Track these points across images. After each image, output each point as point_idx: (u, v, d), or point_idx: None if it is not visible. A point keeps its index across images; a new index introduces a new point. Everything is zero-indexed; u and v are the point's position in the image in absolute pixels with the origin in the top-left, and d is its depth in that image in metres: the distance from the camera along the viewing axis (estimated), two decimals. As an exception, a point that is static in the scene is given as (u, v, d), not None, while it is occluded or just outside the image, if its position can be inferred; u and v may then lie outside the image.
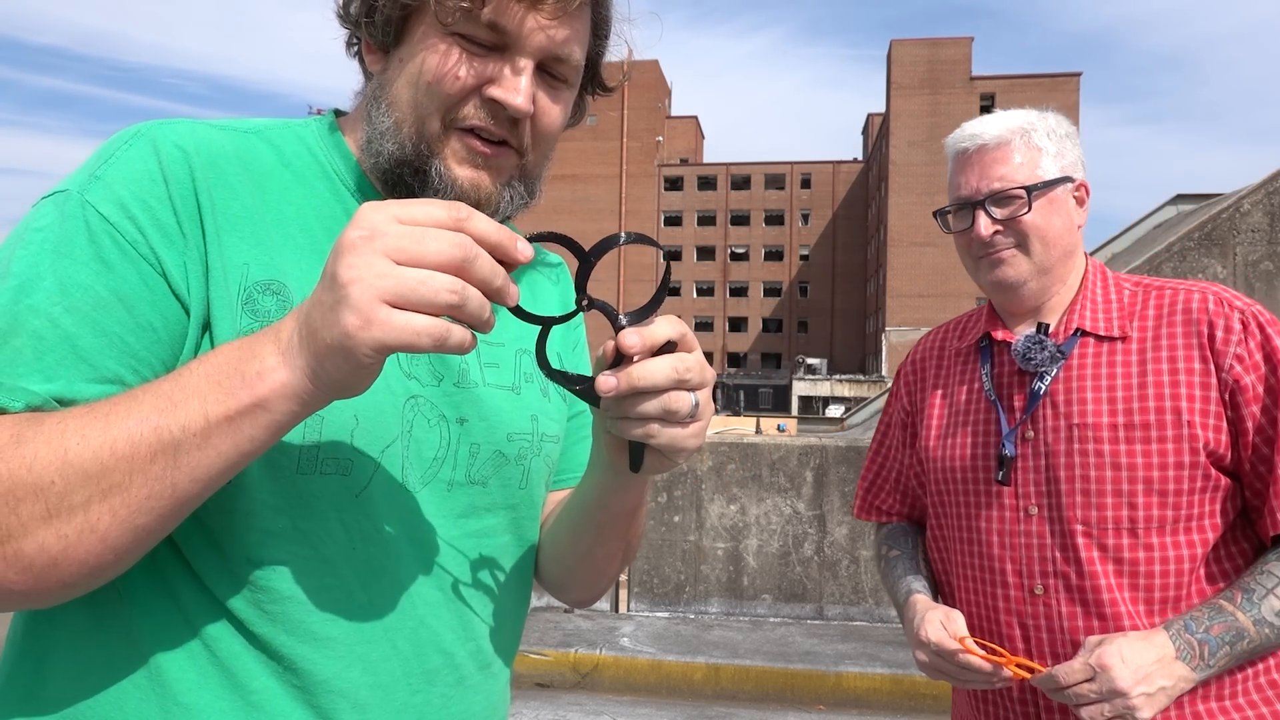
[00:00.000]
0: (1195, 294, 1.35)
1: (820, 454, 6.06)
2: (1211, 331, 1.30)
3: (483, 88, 0.83)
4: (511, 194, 0.88)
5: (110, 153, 0.78)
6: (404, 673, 0.84)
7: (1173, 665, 1.18)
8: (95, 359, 0.72)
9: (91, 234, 0.74)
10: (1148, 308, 1.37)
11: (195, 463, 0.66)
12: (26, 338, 0.70)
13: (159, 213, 0.76)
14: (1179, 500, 1.28)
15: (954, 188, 1.46)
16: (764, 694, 5.06)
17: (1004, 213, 1.39)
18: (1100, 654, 1.19)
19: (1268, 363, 1.27)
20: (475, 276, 0.64)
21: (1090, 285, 1.43)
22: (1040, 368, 1.37)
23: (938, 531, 1.52)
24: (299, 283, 0.81)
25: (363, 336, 0.61)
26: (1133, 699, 1.16)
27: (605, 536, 0.94)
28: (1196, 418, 1.28)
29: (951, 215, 1.47)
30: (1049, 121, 1.44)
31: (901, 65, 68.71)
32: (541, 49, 0.83)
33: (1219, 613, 1.21)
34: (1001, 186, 1.39)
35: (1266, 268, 6.00)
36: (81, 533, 0.65)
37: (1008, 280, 1.41)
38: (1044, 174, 1.40)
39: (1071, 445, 1.34)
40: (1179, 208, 11.57)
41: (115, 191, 0.75)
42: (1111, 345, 1.37)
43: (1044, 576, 1.35)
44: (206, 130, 0.83)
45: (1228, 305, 1.32)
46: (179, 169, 0.78)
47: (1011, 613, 1.37)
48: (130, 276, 0.74)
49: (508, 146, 0.86)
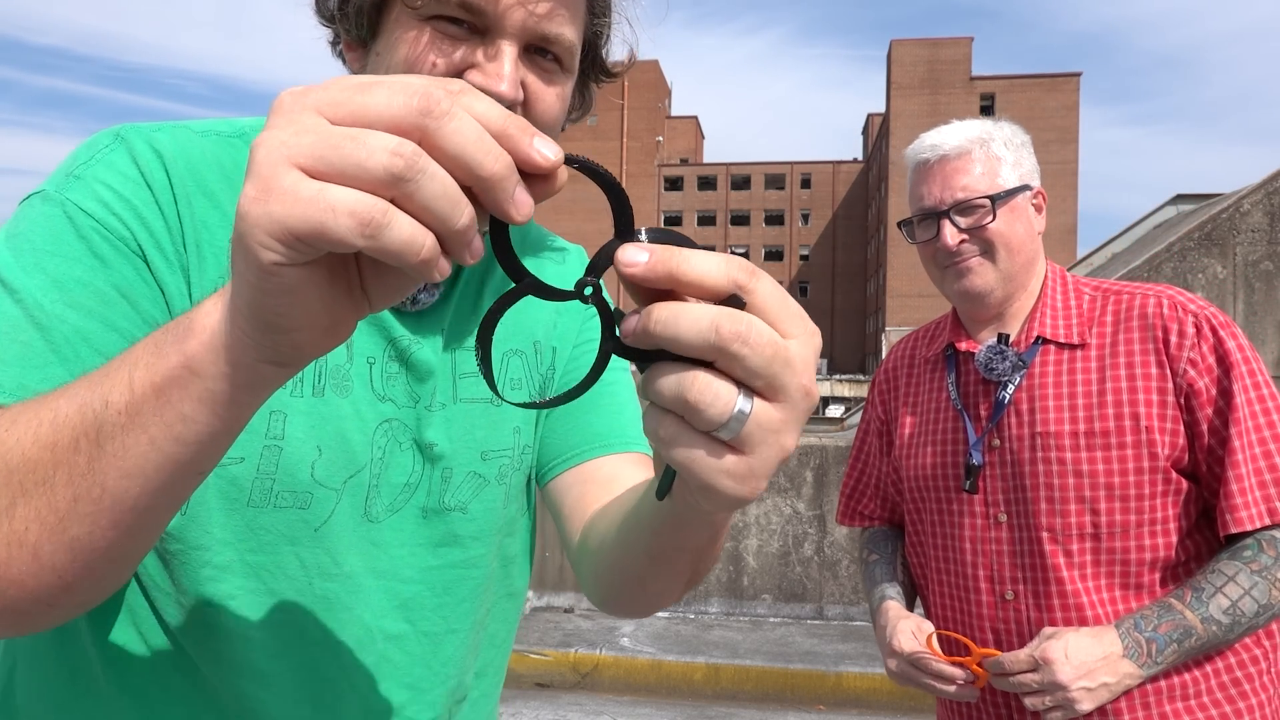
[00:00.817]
0: (1151, 298, 1.37)
1: (820, 454, 6.06)
2: (1166, 336, 1.33)
3: (462, 76, 0.73)
4: None
5: (88, 155, 0.73)
6: (362, 712, 0.80)
7: (1118, 663, 1.22)
8: (110, 352, 0.64)
9: (79, 230, 0.68)
10: (1105, 314, 1.40)
11: (123, 451, 0.50)
12: (35, 332, 0.64)
13: (144, 213, 0.71)
14: (1140, 505, 1.31)
15: (916, 198, 1.48)
16: (764, 694, 5.06)
17: (968, 221, 1.42)
18: (1046, 647, 1.25)
19: (1220, 365, 1.30)
20: (448, 145, 0.40)
21: (1050, 292, 1.45)
22: (1003, 377, 1.41)
23: (914, 537, 1.56)
24: None
25: (255, 213, 0.41)
26: (1072, 692, 1.21)
27: (660, 569, 0.69)
28: (1155, 423, 1.31)
29: (915, 226, 1.49)
30: (1005, 131, 1.47)
31: (901, 65, 68.69)
32: (523, 28, 0.74)
33: (1168, 610, 1.25)
34: (965, 196, 1.41)
35: (1266, 268, 6.00)
36: (9, 546, 0.52)
37: (974, 289, 1.43)
38: (1004, 183, 1.42)
39: (1035, 453, 1.37)
40: (1179, 208, 11.57)
41: (96, 190, 0.70)
42: (1072, 353, 1.39)
43: (1014, 583, 1.39)
44: (187, 135, 0.77)
45: (1182, 309, 1.34)
46: (158, 175, 0.73)
47: (984, 618, 1.41)
48: (127, 271, 0.69)
49: None
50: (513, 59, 0.74)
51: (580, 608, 6.20)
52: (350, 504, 0.79)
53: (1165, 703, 1.30)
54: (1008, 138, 1.46)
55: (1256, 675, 1.32)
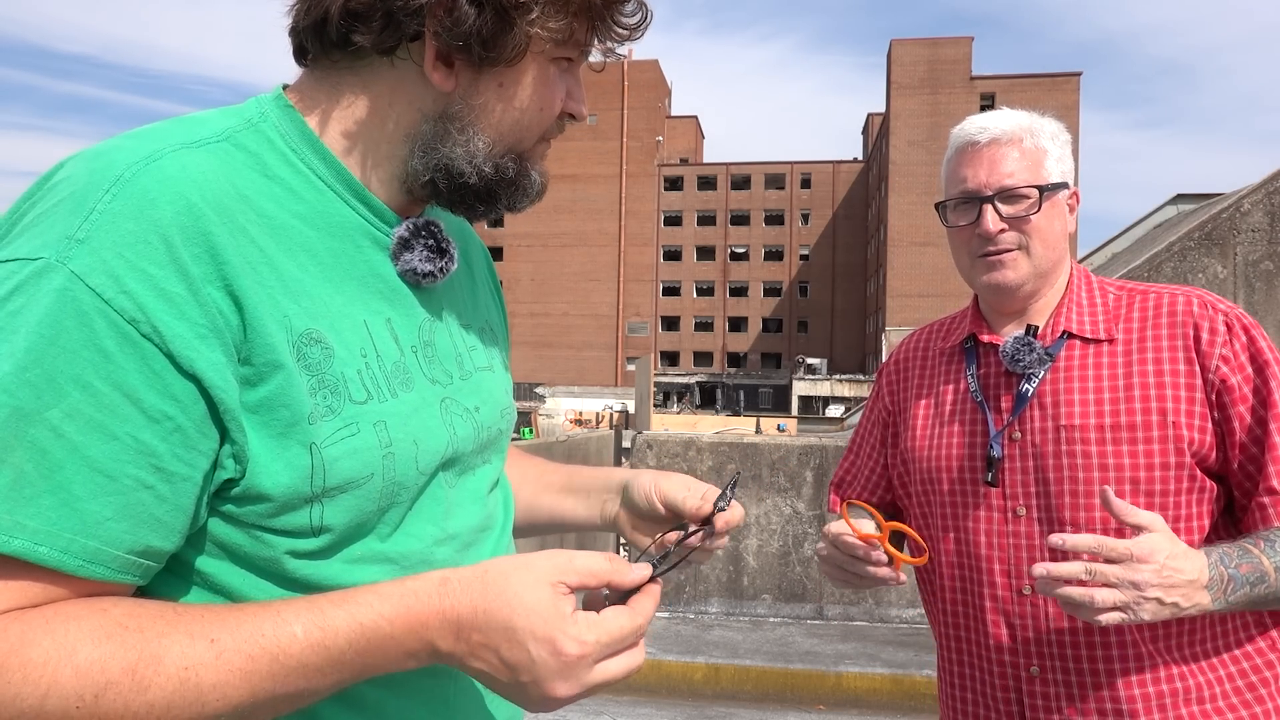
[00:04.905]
0: (1180, 297, 1.36)
1: (820, 454, 6.06)
2: (1197, 333, 1.32)
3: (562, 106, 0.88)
4: None
5: (90, 205, 0.68)
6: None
7: (1198, 591, 1.14)
8: (112, 471, 0.65)
9: (83, 316, 0.64)
10: (1133, 310, 1.39)
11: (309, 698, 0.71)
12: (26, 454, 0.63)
13: (161, 281, 0.67)
14: (1166, 501, 1.29)
15: (957, 180, 1.43)
16: (764, 694, 5.06)
17: (1011, 210, 1.38)
18: (1146, 547, 1.12)
19: (1253, 364, 1.29)
20: None
21: (1076, 289, 1.43)
22: (1028, 369, 1.38)
23: (921, 531, 1.52)
24: (330, 325, 0.77)
25: (562, 695, 0.72)
26: (1146, 599, 1.10)
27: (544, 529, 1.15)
28: (1182, 418, 1.29)
29: (951, 209, 1.44)
30: (1051, 125, 1.44)
31: (901, 65, 68.69)
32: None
33: (1246, 553, 1.21)
34: (1013, 184, 1.37)
35: (1267, 268, 6.00)
36: None
37: (1008, 283, 1.39)
38: (1049, 176, 1.39)
39: (1059, 446, 1.34)
40: (1179, 207, 11.57)
41: (104, 259, 0.65)
42: (1098, 348, 1.38)
43: (1032, 577, 1.30)
44: (193, 159, 0.73)
45: (1211, 308, 1.33)
46: (188, 227, 0.69)
47: (999, 611, 1.38)
48: (130, 365, 0.66)
49: None
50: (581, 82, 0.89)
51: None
52: (440, 479, 0.87)
53: (1181, 705, 1.28)
54: (1054, 132, 1.43)
55: (1272, 680, 1.31)
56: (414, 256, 0.85)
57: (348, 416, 0.76)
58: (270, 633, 0.67)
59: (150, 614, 0.66)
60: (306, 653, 0.67)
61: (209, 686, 0.64)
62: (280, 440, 0.72)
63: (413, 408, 0.82)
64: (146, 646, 0.64)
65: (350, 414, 0.76)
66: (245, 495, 0.72)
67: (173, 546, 0.70)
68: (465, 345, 0.94)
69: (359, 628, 0.69)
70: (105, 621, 0.64)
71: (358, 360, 0.79)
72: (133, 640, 0.64)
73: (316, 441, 0.73)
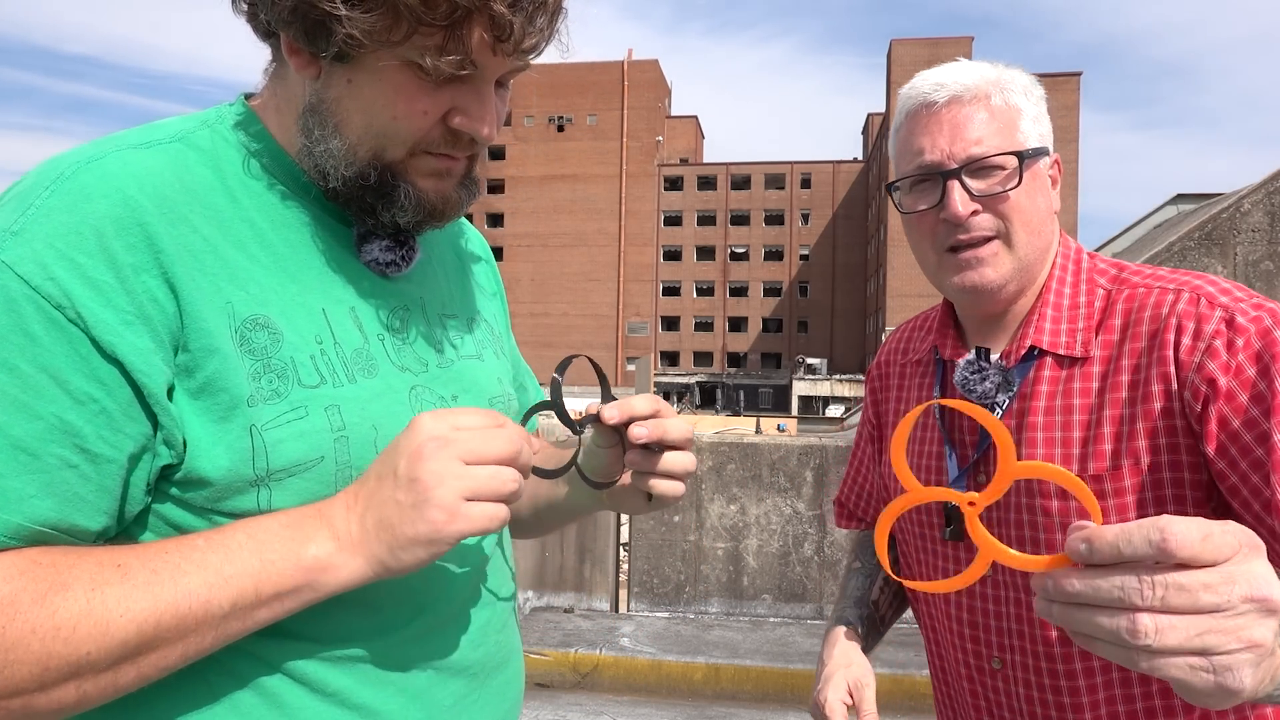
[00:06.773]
0: (1170, 292, 1.06)
1: (820, 454, 6.06)
2: (1178, 339, 1.02)
3: (446, 116, 0.80)
4: (466, 193, 0.88)
5: (29, 201, 0.71)
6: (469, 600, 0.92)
7: None
8: (35, 449, 0.67)
9: (11, 302, 0.67)
10: (1114, 314, 1.09)
11: (233, 630, 0.71)
12: None
13: (89, 270, 0.69)
14: None
15: (912, 152, 1.12)
16: (764, 694, 5.06)
17: (984, 186, 1.08)
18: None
19: (1257, 366, 0.98)
20: (522, 463, 0.77)
21: (1056, 286, 1.14)
22: (986, 399, 1.11)
23: (903, 560, 1.33)
24: (280, 310, 0.79)
25: (450, 530, 0.72)
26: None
27: (548, 528, 1.15)
28: (1163, 456, 1.02)
29: (907, 190, 1.14)
30: (1023, 78, 1.13)
31: (902, 65, 68.65)
32: (505, 69, 0.80)
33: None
34: (982, 152, 1.07)
35: (1267, 267, 6.00)
36: (103, 689, 0.67)
37: (987, 284, 1.10)
38: (1025, 140, 1.10)
39: (1020, 499, 1.09)
40: (1179, 207, 11.57)
41: (35, 249, 0.68)
42: (1071, 370, 1.09)
43: (1001, 650, 1.14)
44: (137, 157, 0.76)
45: (1209, 303, 1.02)
46: (123, 218, 0.72)
47: (973, 680, 1.18)
48: (57, 348, 0.68)
49: None
50: (492, 100, 0.82)
51: (580, 608, 6.20)
52: None
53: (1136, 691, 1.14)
54: (1027, 86, 1.13)
55: None
56: (374, 247, 0.87)
57: (295, 400, 0.77)
58: (173, 548, 0.70)
59: (63, 551, 0.68)
60: (206, 553, 0.70)
61: (114, 601, 0.66)
62: (221, 424, 0.74)
63: (374, 393, 0.82)
64: (57, 576, 0.66)
65: (299, 397, 0.77)
66: (187, 480, 0.74)
67: (99, 526, 0.71)
68: (446, 334, 0.94)
69: (253, 521, 0.73)
70: (19, 560, 0.66)
71: (311, 346, 0.79)
72: (44, 574, 0.66)
73: (257, 424, 0.74)
